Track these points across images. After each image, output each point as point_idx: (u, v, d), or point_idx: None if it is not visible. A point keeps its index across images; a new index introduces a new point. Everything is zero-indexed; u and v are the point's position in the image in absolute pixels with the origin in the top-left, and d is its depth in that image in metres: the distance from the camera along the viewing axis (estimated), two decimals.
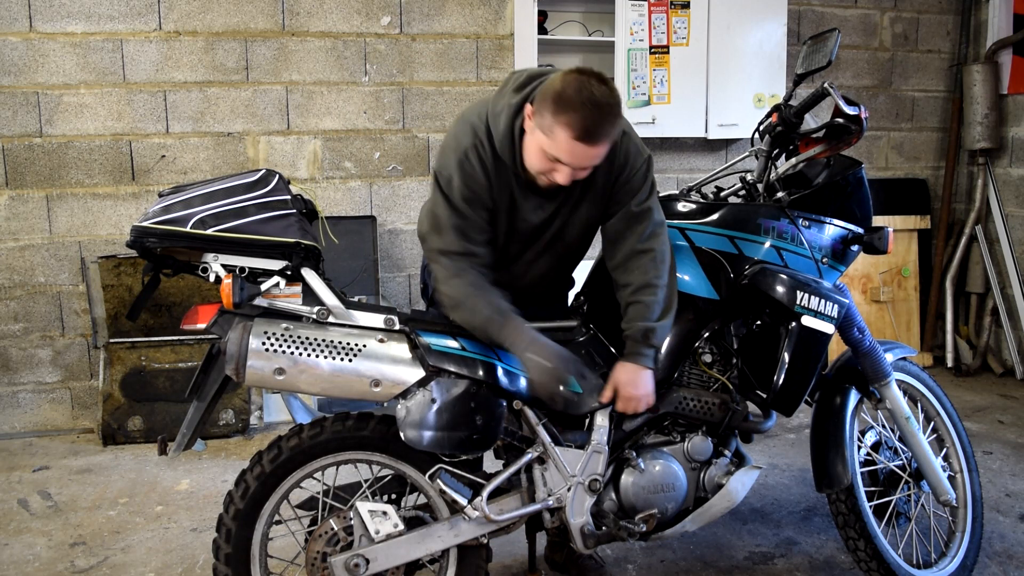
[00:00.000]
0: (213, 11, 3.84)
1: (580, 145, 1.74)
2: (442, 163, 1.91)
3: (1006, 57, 4.66)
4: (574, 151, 1.76)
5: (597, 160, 1.81)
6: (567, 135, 1.74)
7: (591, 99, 1.72)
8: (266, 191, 1.84)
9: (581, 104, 1.72)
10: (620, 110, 1.79)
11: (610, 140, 1.79)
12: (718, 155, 4.60)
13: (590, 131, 1.73)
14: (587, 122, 1.72)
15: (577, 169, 1.81)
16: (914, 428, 2.29)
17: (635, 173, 1.97)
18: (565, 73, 1.79)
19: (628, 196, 1.98)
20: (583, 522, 2.01)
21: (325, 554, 1.89)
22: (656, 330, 1.95)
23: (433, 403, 1.79)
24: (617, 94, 1.79)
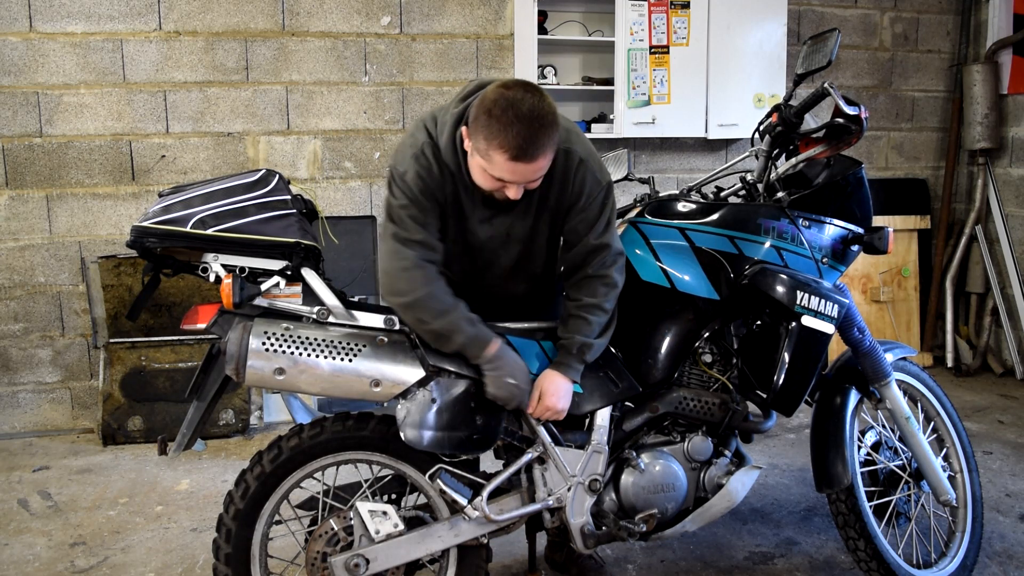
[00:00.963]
0: (213, 11, 3.84)
1: (519, 164, 1.70)
2: (397, 159, 1.88)
3: (1006, 57, 4.66)
4: (515, 170, 1.72)
5: (542, 171, 1.77)
6: (503, 157, 1.69)
7: (519, 116, 1.67)
8: (266, 191, 1.84)
9: (510, 123, 1.67)
10: (554, 119, 1.74)
11: (550, 150, 1.74)
12: (718, 155, 4.60)
13: (525, 149, 1.68)
14: (520, 140, 1.67)
15: (522, 184, 1.77)
16: (914, 428, 2.29)
17: (592, 202, 1.92)
18: (494, 88, 1.72)
19: (585, 227, 1.93)
20: (583, 522, 2.01)
21: (325, 554, 1.89)
22: (592, 347, 1.95)
23: (433, 403, 1.79)
24: (548, 104, 1.73)
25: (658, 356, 2.09)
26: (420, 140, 1.86)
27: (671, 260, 2.08)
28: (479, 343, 1.82)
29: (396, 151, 1.91)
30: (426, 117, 1.91)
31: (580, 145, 1.92)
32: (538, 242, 2.00)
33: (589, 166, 1.91)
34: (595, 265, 1.95)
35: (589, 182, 1.91)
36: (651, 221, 2.13)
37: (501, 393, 1.83)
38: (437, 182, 1.85)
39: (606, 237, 1.95)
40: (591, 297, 1.95)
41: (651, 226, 2.12)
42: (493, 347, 1.83)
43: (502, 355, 1.84)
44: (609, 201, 1.95)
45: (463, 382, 1.84)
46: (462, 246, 1.97)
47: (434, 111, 1.91)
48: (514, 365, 1.86)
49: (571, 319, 1.96)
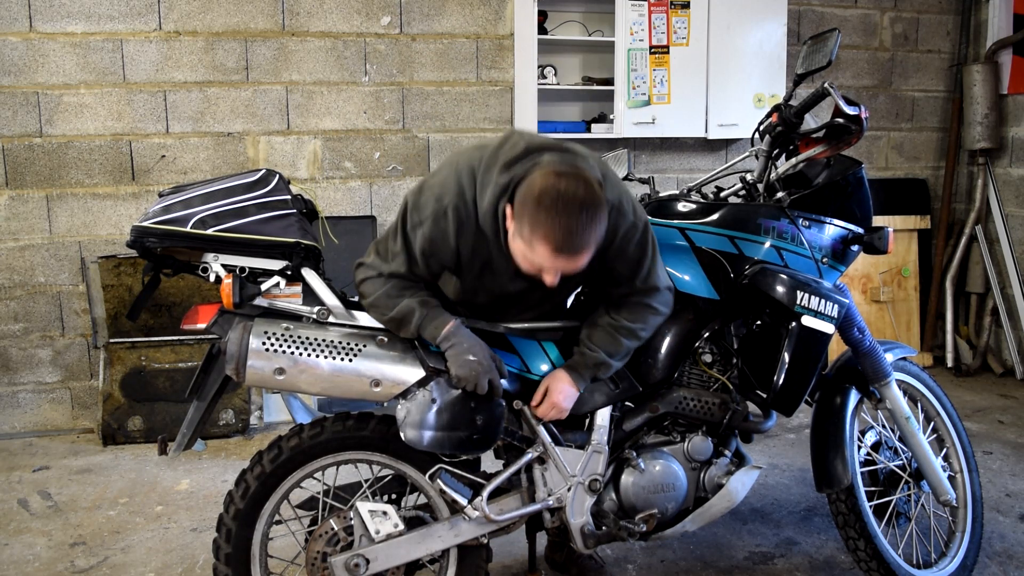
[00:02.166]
0: (213, 11, 3.84)
1: (562, 258, 1.65)
2: (418, 202, 1.78)
3: (1006, 57, 4.66)
4: (556, 263, 1.66)
5: (583, 264, 1.70)
6: (547, 249, 1.64)
7: (569, 210, 1.61)
8: (266, 191, 1.84)
9: (557, 217, 1.60)
10: (603, 213, 1.67)
11: (594, 245, 1.68)
12: (718, 155, 4.60)
13: (569, 244, 1.63)
14: (566, 235, 1.62)
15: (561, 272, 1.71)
16: (914, 428, 2.29)
17: (627, 243, 1.85)
18: (544, 175, 1.64)
19: (627, 269, 1.88)
20: (583, 522, 2.01)
21: (325, 554, 1.89)
22: (611, 368, 1.94)
23: (433, 403, 1.79)
24: (597, 196, 1.66)
25: (658, 356, 2.09)
26: (446, 201, 1.75)
27: (671, 260, 2.08)
28: (434, 323, 1.78)
29: (422, 188, 1.81)
30: (462, 167, 1.78)
31: (612, 190, 1.80)
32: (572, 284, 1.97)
33: (622, 210, 1.82)
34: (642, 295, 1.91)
35: (623, 227, 1.82)
36: (651, 221, 2.13)
37: (463, 372, 1.77)
38: (449, 249, 1.78)
39: (652, 279, 1.90)
40: (631, 321, 1.91)
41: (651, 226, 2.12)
42: (449, 326, 1.79)
43: (457, 332, 1.79)
44: (648, 240, 1.88)
45: None
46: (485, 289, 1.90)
47: (472, 161, 1.78)
48: (472, 342, 1.80)
49: (601, 332, 1.92)
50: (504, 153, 1.73)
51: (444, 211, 1.75)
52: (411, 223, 1.79)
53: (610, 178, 1.83)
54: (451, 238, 1.76)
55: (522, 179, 1.67)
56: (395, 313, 1.79)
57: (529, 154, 1.70)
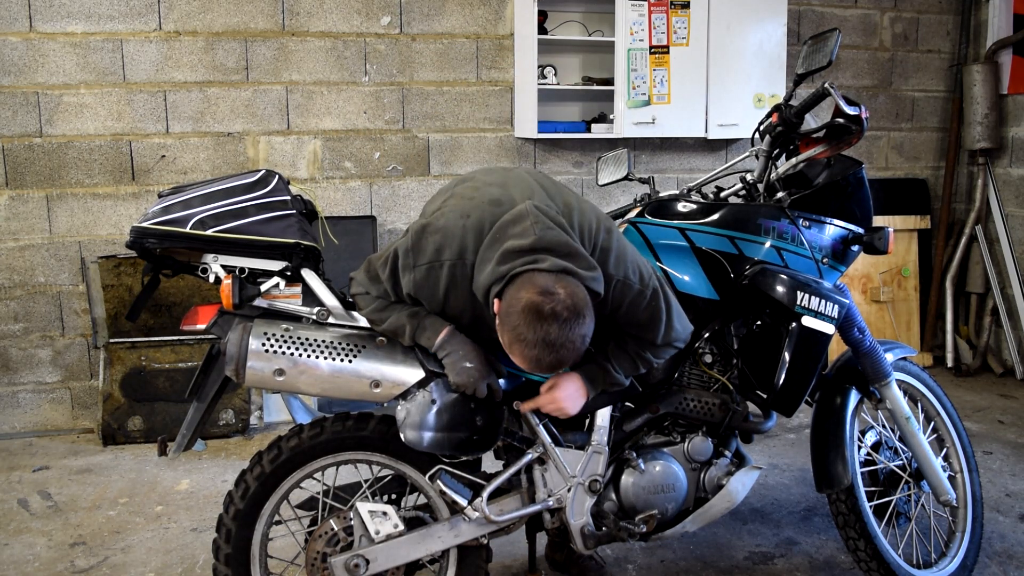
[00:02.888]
0: (213, 11, 3.84)
1: (537, 371, 1.67)
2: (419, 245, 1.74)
3: (1006, 57, 4.65)
4: (534, 372, 1.69)
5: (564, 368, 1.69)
6: (523, 362, 1.65)
7: (544, 340, 1.59)
8: (266, 191, 1.84)
9: (536, 341, 1.59)
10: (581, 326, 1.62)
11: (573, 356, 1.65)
12: (718, 155, 4.60)
13: (544, 366, 1.63)
14: (540, 359, 1.62)
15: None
16: (914, 428, 2.29)
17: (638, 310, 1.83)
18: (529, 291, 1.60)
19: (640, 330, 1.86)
20: (583, 522, 2.01)
21: (325, 554, 1.89)
22: (621, 387, 1.95)
23: (433, 404, 1.79)
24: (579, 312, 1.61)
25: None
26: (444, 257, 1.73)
27: (671, 260, 2.08)
28: (427, 333, 1.77)
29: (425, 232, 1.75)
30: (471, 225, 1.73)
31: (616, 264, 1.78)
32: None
33: (627, 283, 1.79)
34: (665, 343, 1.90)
35: (628, 296, 1.80)
36: (651, 221, 2.13)
37: (460, 379, 1.76)
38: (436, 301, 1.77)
39: (670, 336, 1.88)
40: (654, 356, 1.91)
41: (651, 226, 2.12)
42: (442, 334, 1.78)
43: (452, 339, 1.78)
44: (659, 304, 1.84)
45: None
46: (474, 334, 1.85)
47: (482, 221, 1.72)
48: (467, 348, 1.79)
49: (624, 357, 1.90)
50: (513, 236, 1.67)
51: (441, 265, 1.73)
52: (404, 263, 1.75)
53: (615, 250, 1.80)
54: (440, 292, 1.75)
55: (516, 277, 1.63)
56: (387, 327, 1.80)
57: (533, 251, 1.64)
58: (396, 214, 4.17)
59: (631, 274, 1.80)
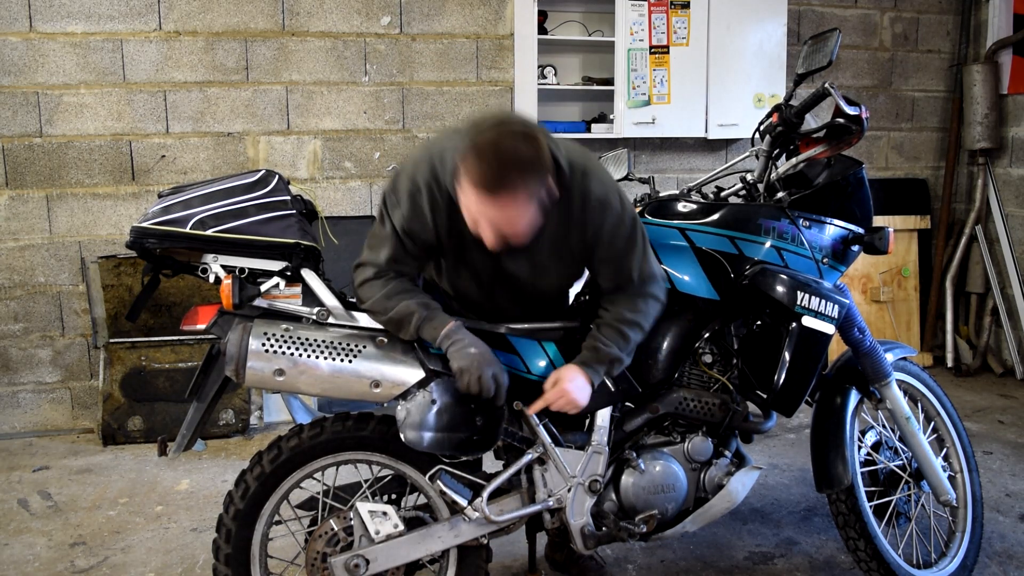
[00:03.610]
0: (213, 11, 3.84)
1: (484, 197, 1.64)
2: (395, 185, 1.82)
3: (1006, 57, 4.65)
4: (481, 205, 1.66)
5: (509, 221, 1.69)
6: (472, 188, 1.64)
7: (497, 152, 1.61)
8: (266, 191, 1.84)
9: (484, 152, 1.61)
10: (534, 167, 1.65)
11: (520, 197, 1.65)
12: (718, 155, 4.60)
13: (489, 180, 1.62)
14: (488, 174, 1.61)
15: (495, 228, 1.70)
16: (914, 428, 2.29)
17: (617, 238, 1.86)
18: (490, 129, 1.66)
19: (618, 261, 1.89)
20: (583, 523, 2.01)
21: (325, 554, 1.89)
22: (622, 363, 1.94)
23: (433, 404, 1.79)
24: (535, 152, 1.65)
25: (658, 356, 2.09)
26: (419, 179, 1.79)
27: (671, 260, 2.08)
28: (433, 324, 1.80)
29: (399, 174, 1.84)
30: (434, 147, 1.82)
31: (598, 184, 1.83)
32: (551, 276, 1.95)
33: (608, 203, 1.83)
34: (639, 286, 1.92)
35: (610, 219, 1.83)
36: (651, 221, 2.13)
37: (464, 363, 1.76)
38: (427, 226, 1.81)
39: (646, 270, 1.91)
40: (632, 312, 1.91)
41: (651, 226, 2.12)
42: (449, 326, 1.80)
43: (458, 331, 1.80)
44: (637, 234, 1.88)
45: None
46: (467, 273, 1.93)
47: (445, 144, 1.80)
48: (472, 339, 1.81)
49: (608, 329, 1.91)
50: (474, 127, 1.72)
51: (418, 188, 1.79)
52: (390, 204, 1.83)
53: (596, 173, 1.85)
54: (427, 214, 1.79)
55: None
56: (394, 314, 1.80)
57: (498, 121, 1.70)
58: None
59: (611, 197, 1.84)
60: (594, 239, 1.84)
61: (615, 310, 1.93)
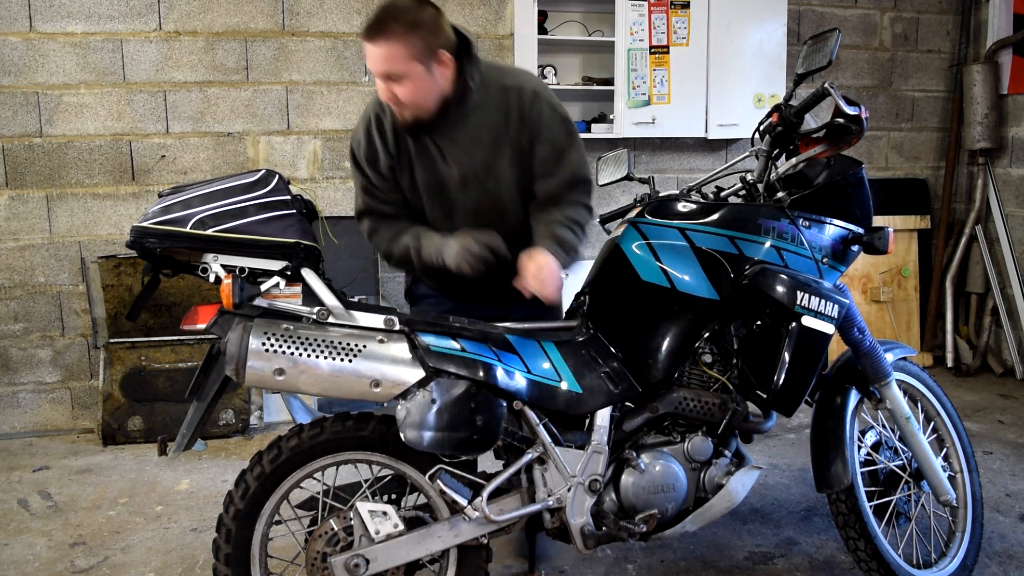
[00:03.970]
0: (213, 11, 3.84)
1: (368, 46, 1.91)
2: (353, 134, 2.17)
3: (1006, 57, 4.66)
4: (367, 51, 1.93)
5: (384, 63, 1.91)
6: (362, 39, 1.93)
7: (381, 5, 1.90)
8: (266, 191, 1.84)
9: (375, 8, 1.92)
10: (415, 23, 1.89)
11: (395, 46, 1.89)
12: (718, 155, 4.60)
13: (368, 27, 1.89)
14: (369, 19, 1.89)
15: (382, 79, 1.95)
16: (914, 428, 2.29)
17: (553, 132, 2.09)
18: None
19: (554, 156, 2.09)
20: (583, 522, 2.01)
21: (325, 554, 1.89)
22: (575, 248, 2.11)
23: (433, 404, 1.79)
24: (421, 11, 1.91)
25: (658, 356, 2.09)
26: (368, 113, 2.12)
27: (671, 260, 2.08)
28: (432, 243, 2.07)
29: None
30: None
31: (534, 83, 2.11)
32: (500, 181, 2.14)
33: (544, 99, 2.07)
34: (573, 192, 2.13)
35: (546, 113, 2.06)
36: (651, 221, 2.13)
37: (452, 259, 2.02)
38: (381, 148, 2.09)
39: (580, 169, 2.13)
40: (569, 213, 2.12)
41: (651, 226, 2.12)
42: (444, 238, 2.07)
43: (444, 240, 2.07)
44: (572, 130, 2.12)
45: (463, 383, 1.84)
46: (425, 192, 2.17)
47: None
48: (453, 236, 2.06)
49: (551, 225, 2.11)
50: None
51: (368, 120, 2.11)
52: (354, 147, 2.17)
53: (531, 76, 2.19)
54: (376, 138, 2.09)
55: None
56: (399, 256, 2.11)
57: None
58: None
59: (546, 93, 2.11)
60: (532, 131, 2.08)
61: (553, 212, 2.14)
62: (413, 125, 2.02)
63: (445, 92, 1.99)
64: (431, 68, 1.93)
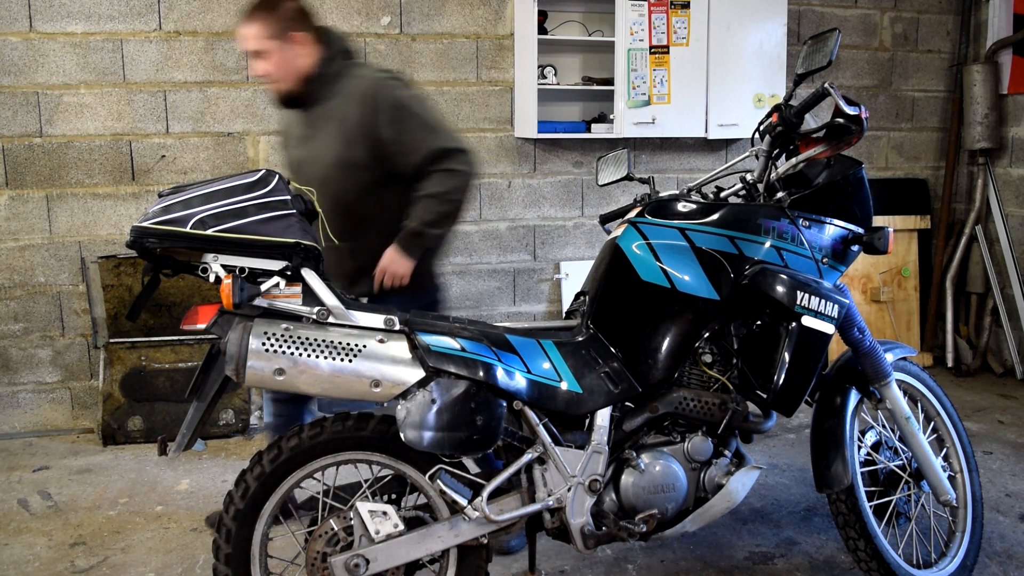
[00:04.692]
0: (213, 11, 3.84)
1: (240, 29, 2.30)
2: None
3: (1006, 57, 4.66)
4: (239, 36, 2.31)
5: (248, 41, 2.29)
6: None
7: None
8: (266, 191, 1.84)
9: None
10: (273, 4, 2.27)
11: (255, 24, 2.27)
12: (718, 155, 4.60)
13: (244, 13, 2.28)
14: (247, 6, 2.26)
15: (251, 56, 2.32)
16: (914, 428, 2.29)
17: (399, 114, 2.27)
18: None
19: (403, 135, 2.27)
20: (583, 522, 2.01)
21: (325, 554, 1.89)
22: (424, 235, 2.32)
23: (433, 404, 1.79)
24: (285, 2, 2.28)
25: (658, 356, 2.09)
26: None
27: (671, 260, 2.08)
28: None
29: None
30: None
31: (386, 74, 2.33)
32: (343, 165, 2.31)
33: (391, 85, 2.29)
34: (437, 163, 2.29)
35: (392, 98, 2.27)
36: (651, 221, 2.13)
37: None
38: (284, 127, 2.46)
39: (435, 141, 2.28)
40: (434, 186, 2.30)
41: (651, 226, 2.12)
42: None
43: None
44: (416, 109, 2.29)
45: (463, 383, 1.84)
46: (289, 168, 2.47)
47: None
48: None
49: (413, 208, 2.32)
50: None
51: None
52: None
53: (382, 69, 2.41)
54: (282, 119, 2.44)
55: None
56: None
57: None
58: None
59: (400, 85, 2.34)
60: (370, 114, 2.26)
61: (418, 189, 2.32)
62: (281, 99, 2.37)
63: (302, 71, 2.31)
64: (285, 46, 2.29)
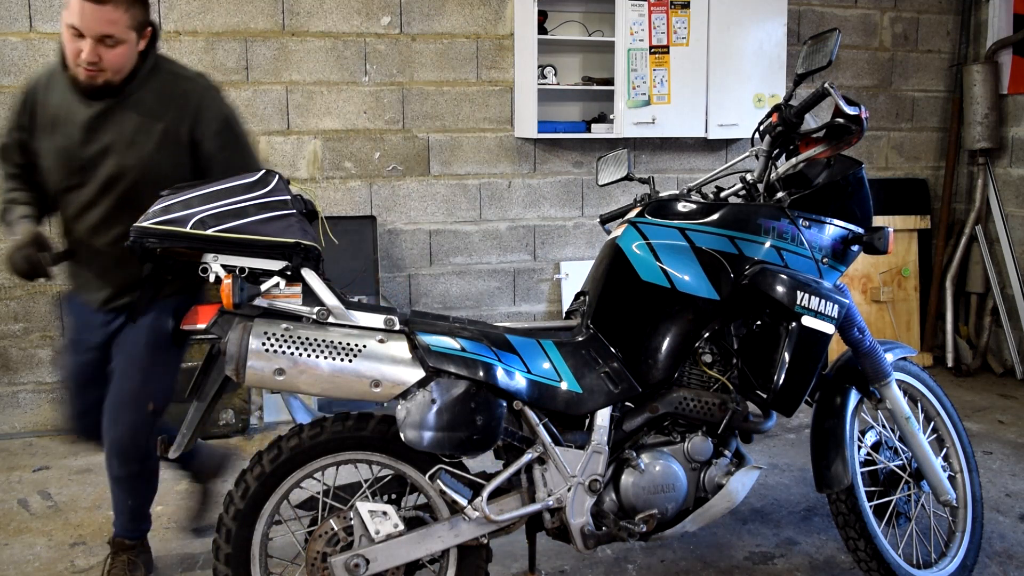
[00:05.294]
0: (213, 11, 3.84)
1: (89, 5, 1.95)
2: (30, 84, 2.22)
3: (1006, 57, 4.66)
4: (83, 10, 1.95)
5: (106, 25, 1.98)
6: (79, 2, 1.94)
7: None
8: (266, 191, 1.84)
9: None
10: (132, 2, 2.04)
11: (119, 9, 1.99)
12: (718, 155, 4.60)
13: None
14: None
15: (96, 40, 1.99)
16: (914, 428, 2.29)
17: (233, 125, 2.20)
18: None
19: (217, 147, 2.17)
20: (583, 522, 2.01)
21: (325, 554, 1.89)
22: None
23: (433, 404, 1.79)
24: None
25: (658, 356, 2.09)
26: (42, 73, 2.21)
27: (671, 260, 2.08)
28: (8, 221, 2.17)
29: None
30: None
31: (210, 82, 2.22)
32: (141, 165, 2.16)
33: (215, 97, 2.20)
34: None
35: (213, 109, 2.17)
36: (651, 221, 2.13)
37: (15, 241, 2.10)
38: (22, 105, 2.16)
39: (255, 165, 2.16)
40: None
41: (651, 226, 2.12)
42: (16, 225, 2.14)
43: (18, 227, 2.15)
44: (239, 129, 2.22)
45: (463, 383, 1.84)
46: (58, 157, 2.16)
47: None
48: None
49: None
50: None
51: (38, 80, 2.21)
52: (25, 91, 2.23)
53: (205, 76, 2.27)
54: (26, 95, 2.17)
55: None
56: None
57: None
58: (396, 214, 4.17)
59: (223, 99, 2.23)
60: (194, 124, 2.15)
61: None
62: (99, 89, 2.09)
63: (133, 65, 2.14)
64: (135, 40, 2.09)
